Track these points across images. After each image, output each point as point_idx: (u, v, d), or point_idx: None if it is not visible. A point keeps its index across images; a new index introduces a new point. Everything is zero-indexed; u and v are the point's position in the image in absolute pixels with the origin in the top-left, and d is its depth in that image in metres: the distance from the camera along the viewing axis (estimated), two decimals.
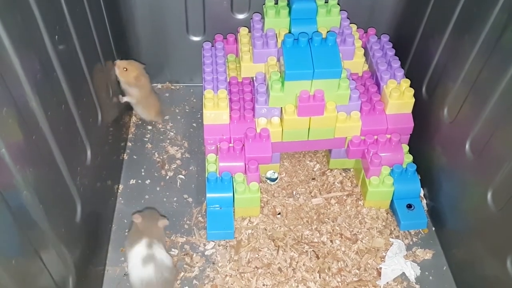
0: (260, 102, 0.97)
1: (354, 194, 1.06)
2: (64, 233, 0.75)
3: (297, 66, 0.90)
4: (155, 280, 0.85)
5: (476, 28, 0.84)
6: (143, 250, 0.86)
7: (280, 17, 0.97)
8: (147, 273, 0.85)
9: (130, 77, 1.10)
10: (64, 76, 0.76)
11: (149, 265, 0.85)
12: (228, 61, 1.13)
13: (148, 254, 0.86)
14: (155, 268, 0.85)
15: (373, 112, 1.01)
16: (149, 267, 0.85)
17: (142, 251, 0.86)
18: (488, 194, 0.82)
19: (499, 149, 0.79)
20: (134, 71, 1.10)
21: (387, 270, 0.94)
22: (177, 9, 1.14)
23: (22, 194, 0.62)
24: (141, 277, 0.85)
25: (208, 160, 1.01)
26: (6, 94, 0.59)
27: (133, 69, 1.10)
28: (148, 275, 0.85)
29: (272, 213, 1.02)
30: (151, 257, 0.86)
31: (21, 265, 0.61)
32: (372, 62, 1.07)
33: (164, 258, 0.87)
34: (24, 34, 0.65)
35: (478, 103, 0.84)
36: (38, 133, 0.67)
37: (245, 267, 0.94)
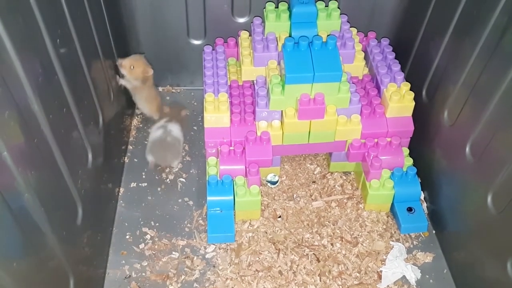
0: (261, 105, 0.97)
1: (355, 197, 1.06)
2: (65, 236, 0.75)
3: (297, 69, 0.90)
4: (159, 140, 1.11)
5: (476, 31, 0.84)
6: (160, 123, 1.16)
7: (281, 20, 0.97)
8: (156, 135, 1.13)
9: (138, 73, 1.12)
10: (65, 79, 0.77)
11: (159, 130, 1.13)
12: (228, 65, 1.13)
13: (162, 125, 1.14)
14: (162, 132, 1.12)
15: (374, 115, 1.01)
16: (158, 131, 1.13)
17: (159, 124, 1.16)
18: (488, 197, 0.82)
19: (499, 152, 0.79)
20: (141, 65, 1.12)
21: (387, 273, 0.94)
22: (178, 13, 1.14)
23: (23, 197, 0.62)
24: (152, 139, 1.13)
25: (208, 163, 1.01)
26: (8, 97, 0.59)
27: (139, 64, 1.12)
28: (155, 136, 1.12)
29: (273, 216, 1.02)
30: (163, 126, 1.14)
31: (22, 267, 0.61)
32: (372, 66, 1.07)
33: (172, 129, 1.13)
34: (26, 37, 0.65)
35: (478, 106, 0.84)
36: (39, 136, 0.68)
37: (246, 270, 0.94)
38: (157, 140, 1.11)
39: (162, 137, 1.11)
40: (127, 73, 1.11)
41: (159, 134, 1.12)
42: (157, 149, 1.11)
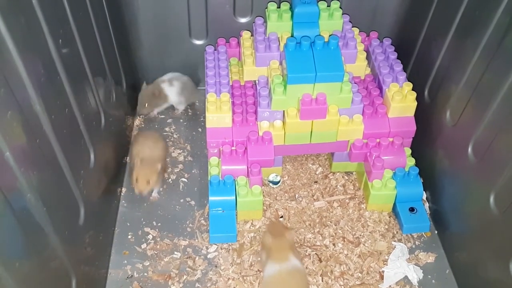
0: (263, 105, 0.97)
1: (357, 197, 1.06)
2: (67, 236, 0.75)
3: (299, 69, 0.90)
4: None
5: (478, 31, 0.84)
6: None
7: (283, 20, 0.97)
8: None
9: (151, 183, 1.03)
10: (67, 79, 0.77)
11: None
12: (230, 65, 1.13)
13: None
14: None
15: (376, 115, 1.01)
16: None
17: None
18: (490, 197, 0.82)
19: (502, 152, 0.79)
20: (153, 175, 1.02)
21: (389, 274, 0.94)
22: (180, 13, 1.14)
23: (25, 197, 0.62)
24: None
25: (210, 163, 1.01)
26: (10, 97, 0.59)
27: (151, 175, 1.02)
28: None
29: (275, 216, 1.02)
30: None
31: (24, 268, 0.61)
32: (374, 66, 1.07)
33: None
34: (28, 37, 0.65)
35: (481, 106, 0.84)
36: (42, 136, 0.68)
37: (248, 270, 0.94)
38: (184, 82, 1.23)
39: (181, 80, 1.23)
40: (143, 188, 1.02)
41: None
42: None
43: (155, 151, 1.07)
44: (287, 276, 0.84)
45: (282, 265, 0.84)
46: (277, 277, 0.84)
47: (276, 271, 0.84)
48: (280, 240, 0.87)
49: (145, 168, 1.01)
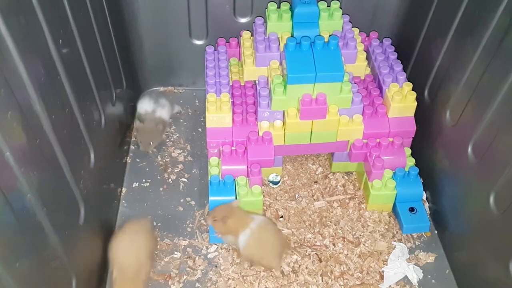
0: (263, 105, 0.97)
1: (357, 197, 1.06)
2: (68, 236, 0.75)
3: (299, 69, 0.90)
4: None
5: (478, 31, 0.84)
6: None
7: (283, 21, 0.97)
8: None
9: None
10: (68, 79, 0.77)
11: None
12: (230, 65, 1.13)
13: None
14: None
15: (376, 115, 1.01)
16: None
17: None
18: (490, 198, 0.82)
19: (502, 152, 0.79)
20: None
21: (389, 274, 0.94)
22: (180, 13, 1.14)
23: (26, 197, 0.62)
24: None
25: (210, 163, 1.01)
26: (10, 97, 0.59)
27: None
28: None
29: (275, 216, 1.03)
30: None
31: (24, 268, 0.61)
32: (374, 66, 1.07)
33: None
34: (28, 37, 0.65)
35: (480, 106, 0.84)
36: (42, 136, 0.68)
37: (248, 270, 0.94)
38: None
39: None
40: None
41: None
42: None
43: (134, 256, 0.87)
44: (260, 232, 0.91)
45: (251, 227, 0.90)
46: (254, 240, 0.90)
47: (249, 236, 0.90)
48: (233, 211, 0.92)
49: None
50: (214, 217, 0.92)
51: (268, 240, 0.91)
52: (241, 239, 0.91)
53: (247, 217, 0.92)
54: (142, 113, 1.16)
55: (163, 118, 1.16)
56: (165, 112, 1.17)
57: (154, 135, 1.14)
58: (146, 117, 1.15)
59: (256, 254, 0.91)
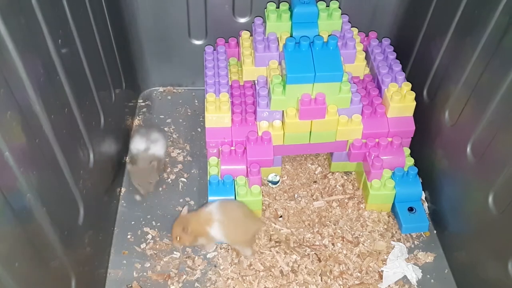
0: (262, 105, 0.97)
1: (356, 197, 1.06)
2: (67, 236, 0.75)
3: (298, 69, 0.90)
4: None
5: (478, 31, 0.84)
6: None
7: (282, 21, 0.98)
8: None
9: None
10: (67, 79, 0.77)
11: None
12: (230, 65, 1.13)
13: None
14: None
15: (375, 115, 1.01)
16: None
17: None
18: (489, 197, 0.82)
19: (500, 152, 0.79)
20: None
21: (388, 273, 0.94)
22: (179, 13, 1.14)
23: (25, 197, 0.62)
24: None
25: (210, 163, 1.01)
26: (10, 97, 0.59)
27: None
28: None
29: (274, 216, 1.03)
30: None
31: (24, 268, 0.61)
32: (373, 66, 1.07)
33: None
34: (28, 38, 0.65)
35: (479, 106, 0.84)
36: (41, 136, 0.68)
37: (247, 270, 0.94)
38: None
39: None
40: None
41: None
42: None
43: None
44: (227, 215, 0.92)
45: (215, 219, 0.91)
46: (227, 226, 0.91)
47: (219, 226, 0.91)
48: (187, 218, 0.92)
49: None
50: (178, 237, 0.91)
51: (237, 215, 0.93)
52: (216, 234, 0.92)
53: (204, 213, 0.93)
54: (135, 153, 1.07)
55: (157, 155, 1.07)
56: (159, 147, 1.08)
57: (150, 174, 1.04)
58: (139, 157, 1.05)
59: (240, 235, 0.93)
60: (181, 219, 0.94)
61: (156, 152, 1.07)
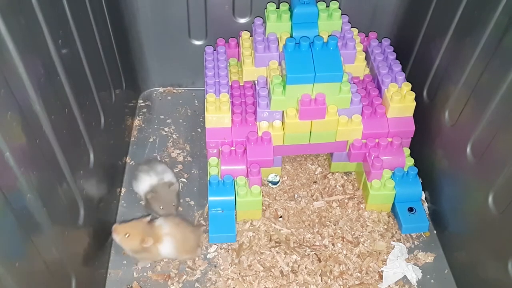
0: (262, 105, 0.97)
1: (356, 197, 1.06)
2: (67, 236, 0.75)
3: (298, 70, 0.90)
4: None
5: (477, 32, 0.84)
6: None
7: (282, 21, 0.98)
8: None
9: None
10: (67, 80, 0.77)
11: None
12: (230, 65, 1.13)
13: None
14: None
15: (375, 115, 1.01)
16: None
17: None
18: (489, 197, 0.82)
19: (500, 152, 0.79)
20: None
21: (388, 273, 0.94)
22: (179, 13, 1.14)
23: (25, 197, 0.62)
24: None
25: (210, 164, 1.01)
26: (10, 98, 0.59)
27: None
28: None
29: (274, 216, 1.03)
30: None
31: (24, 268, 0.61)
32: (373, 66, 1.07)
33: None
34: (28, 38, 0.65)
35: (479, 106, 0.84)
36: (41, 136, 0.68)
37: (247, 270, 0.94)
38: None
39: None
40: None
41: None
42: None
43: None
44: (176, 232, 0.92)
45: (165, 233, 0.92)
46: (177, 242, 0.92)
47: (172, 241, 0.92)
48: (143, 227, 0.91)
49: None
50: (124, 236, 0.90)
51: (183, 227, 0.94)
52: (167, 249, 0.92)
53: (155, 228, 0.92)
54: (148, 190, 1.00)
55: (172, 181, 1.03)
56: (170, 174, 1.04)
57: (173, 196, 1.00)
58: (153, 189, 1.00)
59: (188, 250, 0.94)
60: (136, 228, 0.91)
61: (170, 179, 1.03)
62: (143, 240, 0.89)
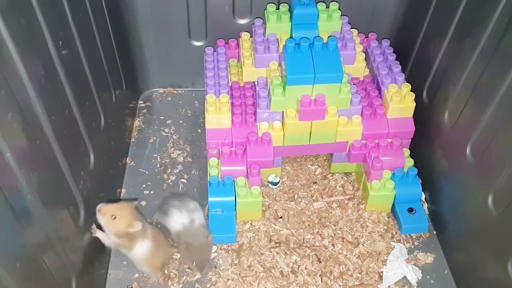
0: (262, 106, 0.98)
1: (356, 198, 1.06)
2: (67, 237, 0.75)
3: (298, 70, 0.90)
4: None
5: (477, 32, 0.85)
6: None
7: (282, 22, 0.98)
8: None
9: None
10: (67, 80, 0.77)
11: None
12: (230, 66, 1.13)
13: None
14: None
15: (374, 116, 1.01)
16: None
17: None
18: (489, 198, 0.82)
19: (500, 153, 0.80)
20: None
21: (388, 274, 0.94)
22: (179, 14, 1.14)
23: (26, 198, 0.62)
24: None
25: (210, 164, 1.01)
26: (11, 99, 0.59)
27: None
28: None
29: (274, 217, 1.03)
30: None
31: (24, 268, 0.61)
32: (373, 67, 1.07)
33: None
34: (28, 39, 0.65)
35: (479, 107, 0.84)
36: (42, 137, 0.68)
37: (247, 271, 0.94)
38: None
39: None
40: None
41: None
42: None
43: None
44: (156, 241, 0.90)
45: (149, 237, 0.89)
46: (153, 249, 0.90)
47: (149, 245, 0.89)
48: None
49: None
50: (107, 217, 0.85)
51: (159, 247, 0.92)
52: (141, 250, 0.89)
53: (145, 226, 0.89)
54: (180, 229, 0.94)
55: (204, 223, 0.95)
56: (201, 215, 0.96)
57: (208, 249, 0.93)
58: (190, 233, 0.93)
59: (156, 261, 0.91)
60: (124, 209, 0.86)
61: (202, 222, 0.95)
62: (130, 224, 0.84)
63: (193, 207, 0.97)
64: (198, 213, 0.96)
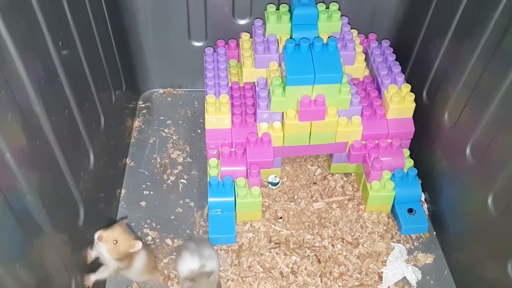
0: (262, 107, 0.98)
1: (355, 198, 1.06)
2: (67, 237, 0.75)
3: (298, 71, 0.90)
4: None
5: (477, 33, 0.85)
6: None
7: (282, 22, 0.98)
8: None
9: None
10: (67, 81, 0.77)
11: None
12: (229, 66, 1.13)
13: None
14: None
15: (374, 117, 1.01)
16: None
17: None
18: (488, 198, 0.82)
19: (500, 153, 0.80)
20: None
21: (388, 275, 0.94)
22: (179, 15, 1.14)
23: (25, 198, 0.62)
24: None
25: (209, 165, 1.01)
26: (10, 99, 0.59)
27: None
28: None
29: (274, 217, 1.03)
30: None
31: (24, 269, 0.61)
32: (373, 67, 1.08)
33: None
34: (28, 39, 0.65)
35: (479, 107, 0.84)
36: (42, 137, 0.68)
37: (247, 272, 0.94)
38: None
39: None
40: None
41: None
42: None
43: None
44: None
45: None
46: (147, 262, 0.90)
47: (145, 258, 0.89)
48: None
49: None
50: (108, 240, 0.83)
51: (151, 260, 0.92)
52: (140, 261, 0.88)
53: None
54: (187, 274, 0.89)
55: (213, 269, 0.90)
56: (215, 262, 0.91)
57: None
58: (194, 277, 0.88)
59: (152, 263, 0.92)
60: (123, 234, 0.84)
61: (212, 267, 0.90)
62: (132, 245, 0.83)
63: (208, 255, 0.91)
64: (212, 261, 0.90)
